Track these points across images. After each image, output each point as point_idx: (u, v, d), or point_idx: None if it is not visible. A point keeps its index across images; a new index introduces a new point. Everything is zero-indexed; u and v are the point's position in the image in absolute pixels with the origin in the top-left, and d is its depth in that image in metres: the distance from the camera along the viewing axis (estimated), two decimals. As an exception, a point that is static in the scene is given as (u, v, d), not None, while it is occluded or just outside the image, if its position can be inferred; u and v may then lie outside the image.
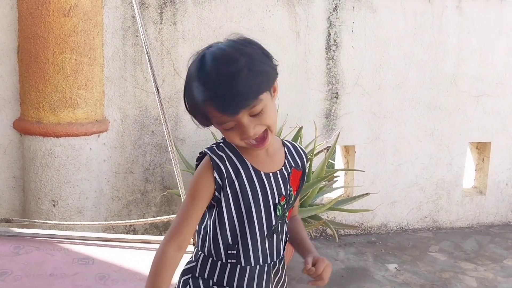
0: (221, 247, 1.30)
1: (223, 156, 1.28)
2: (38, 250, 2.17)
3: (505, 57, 3.90)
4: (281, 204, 1.32)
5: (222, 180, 1.26)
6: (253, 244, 1.30)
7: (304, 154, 1.42)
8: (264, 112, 1.21)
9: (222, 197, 1.27)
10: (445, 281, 3.12)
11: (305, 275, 1.30)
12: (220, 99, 1.17)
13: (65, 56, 2.87)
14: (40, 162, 2.95)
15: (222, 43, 1.23)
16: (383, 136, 3.72)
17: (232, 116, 1.19)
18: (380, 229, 3.84)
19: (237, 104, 1.17)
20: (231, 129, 1.22)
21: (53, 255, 2.15)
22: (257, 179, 1.29)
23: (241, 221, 1.29)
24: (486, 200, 4.05)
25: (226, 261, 1.30)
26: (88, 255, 2.16)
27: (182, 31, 3.22)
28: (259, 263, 1.31)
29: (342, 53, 3.56)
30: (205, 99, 1.19)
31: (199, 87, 1.19)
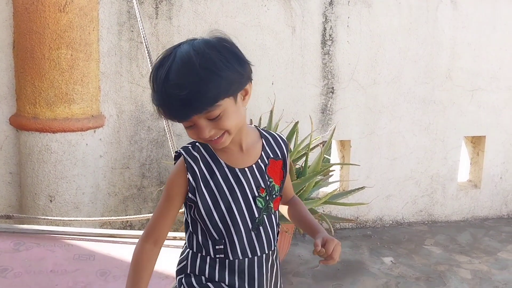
0: (209, 243, 1.32)
1: (197, 156, 1.30)
2: (38, 246, 2.17)
3: (499, 52, 3.92)
4: (261, 196, 1.33)
5: (196, 181, 1.28)
6: (238, 238, 1.31)
7: (284, 143, 1.42)
8: (223, 116, 1.19)
9: (198, 198, 1.29)
10: (440, 273, 3.15)
11: (302, 268, 1.32)
12: (167, 107, 1.18)
13: (61, 51, 2.87)
14: (36, 158, 2.96)
15: (193, 42, 1.20)
16: (378, 131, 3.74)
17: (182, 120, 1.20)
18: (375, 223, 3.86)
19: (187, 111, 1.16)
20: (189, 128, 1.22)
21: (54, 251, 2.15)
22: (232, 176, 1.31)
23: (223, 219, 1.30)
24: (480, 194, 4.08)
25: (214, 256, 1.32)
26: (89, 251, 2.16)
27: (177, 26, 3.22)
28: (247, 256, 1.32)
29: (338, 48, 3.57)
30: (156, 104, 1.20)
31: (153, 92, 1.20)
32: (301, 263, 3.21)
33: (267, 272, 1.36)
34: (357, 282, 3.00)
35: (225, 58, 1.18)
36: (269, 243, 1.36)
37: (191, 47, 1.18)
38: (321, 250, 1.31)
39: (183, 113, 1.17)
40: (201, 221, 1.31)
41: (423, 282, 3.04)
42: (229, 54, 1.20)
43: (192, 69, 1.15)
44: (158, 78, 1.18)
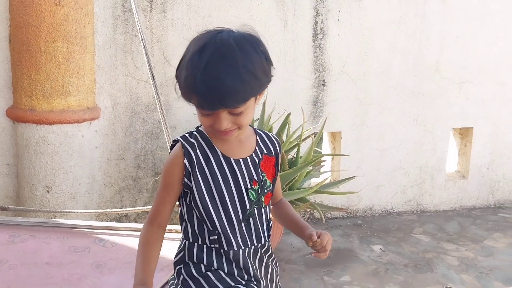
0: (205, 232, 1.35)
1: (194, 143, 1.33)
2: (33, 238, 2.16)
3: (487, 45, 4.00)
4: (254, 189, 1.36)
5: (192, 166, 1.32)
6: (230, 228, 1.34)
7: (277, 141, 1.46)
8: (243, 114, 1.25)
9: (193, 184, 1.32)
10: (428, 260, 3.25)
11: (294, 256, 1.37)
12: (199, 94, 1.20)
13: (57, 44, 2.92)
14: (33, 149, 3.01)
15: (233, 34, 1.23)
16: (368, 122, 3.82)
17: (206, 110, 1.23)
18: (365, 212, 3.95)
19: (218, 103, 1.20)
20: (207, 115, 1.25)
21: (49, 243, 2.14)
22: (227, 165, 1.34)
23: (216, 207, 1.33)
24: (468, 184, 4.18)
25: (210, 245, 1.35)
26: (84, 244, 2.16)
27: (171, 20, 3.27)
28: (241, 247, 1.35)
29: (329, 41, 3.64)
30: (190, 90, 1.21)
31: (189, 75, 1.20)
32: (293, 251, 3.29)
33: (255, 264, 1.38)
34: (347, 269, 3.09)
35: (262, 60, 1.24)
36: (258, 236, 1.38)
37: (234, 41, 1.21)
38: (317, 240, 1.35)
39: (212, 105, 1.21)
40: (196, 209, 1.34)
41: (411, 268, 3.14)
42: (265, 56, 1.26)
43: (234, 67, 1.18)
44: (197, 64, 1.19)
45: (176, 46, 3.28)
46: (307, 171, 3.01)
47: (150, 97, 3.31)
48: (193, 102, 1.23)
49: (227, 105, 1.21)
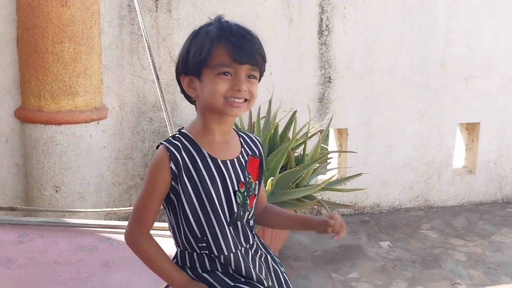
0: (191, 241, 1.34)
1: (178, 145, 1.30)
2: (42, 238, 2.19)
3: (492, 39, 3.99)
4: (240, 191, 1.34)
5: (179, 169, 1.28)
6: (221, 233, 1.32)
7: (260, 143, 1.46)
8: (255, 83, 1.29)
9: (180, 188, 1.29)
10: (435, 256, 3.25)
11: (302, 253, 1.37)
12: (236, 45, 1.24)
13: (64, 45, 2.93)
14: (42, 149, 3.03)
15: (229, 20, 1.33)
16: (375, 119, 3.81)
17: (237, 63, 1.24)
18: (373, 209, 3.96)
19: (247, 55, 1.24)
20: (225, 77, 1.24)
21: (57, 242, 2.16)
22: (215, 167, 1.31)
23: (205, 211, 1.30)
24: (475, 179, 4.17)
25: (200, 252, 1.34)
26: (91, 242, 2.18)
27: (177, 19, 3.28)
28: (232, 251, 1.34)
29: (334, 38, 3.64)
30: (221, 39, 1.24)
31: (218, 29, 1.26)
32: (300, 248, 3.30)
33: (250, 265, 1.37)
34: (355, 266, 3.09)
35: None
36: (246, 237, 1.38)
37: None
38: (335, 223, 1.33)
39: (244, 55, 1.24)
40: (183, 214, 1.31)
41: (419, 264, 3.14)
42: None
43: (251, 31, 1.31)
44: (220, 27, 1.27)
45: (182, 45, 3.28)
46: (314, 168, 3.02)
47: (157, 97, 3.32)
48: (215, 57, 1.24)
49: (254, 60, 1.26)
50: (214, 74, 1.25)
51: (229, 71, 1.25)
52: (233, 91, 1.26)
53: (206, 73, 1.26)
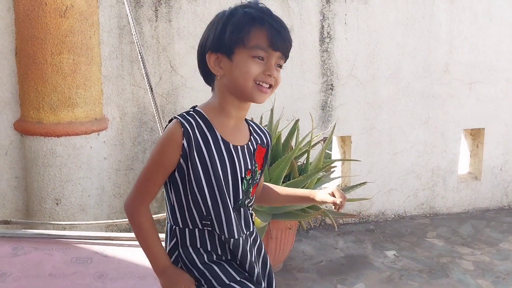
0: (195, 217, 1.30)
1: (192, 122, 1.27)
2: (36, 250, 2.19)
3: (496, 44, 3.95)
4: (246, 179, 1.33)
5: (190, 147, 1.25)
6: (226, 217, 1.30)
7: (268, 134, 1.46)
8: (279, 72, 1.31)
9: (190, 166, 1.26)
10: (442, 265, 3.19)
11: (306, 264, 1.35)
12: (276, 31, 1.24)
13: (63, 56, 2.90)
14: (42, 162, 2.99)
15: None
16: (378, 126, 3.77)
17: (272, 49, 1.25)
18: (378, 217, 3.90)
19: (283, 43, 1.26)
20: (258, 60, 1.25)
21: (52, 255, 2.16)
22: (226, 151, 1.29)
23: (213, 194, 1.28)
24: (481, 186, 4.11)
25: (202, 228, 1.31)
26: (86, 255, 2.18)
27: (177, 28, 3.25)
28: (233, 237, 1.31)
29: (336, 45, 3.60)
30: (263, 21, 1.23)
31: (259, 11, 1.25)
32: (305, 259, 3.25)
33: (248, 254, 1.36)
34: (361, 276, 3.04)
35: None
36: (247, 224, 1.36)
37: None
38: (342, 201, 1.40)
39: (281, 42, 1.25)
40: (191, 193, 1.28)
41: (426, 274, 3.08)
42: None
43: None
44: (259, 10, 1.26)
45: (182, 55, 3.26)
46: (318, 177, 2.97)
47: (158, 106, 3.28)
48: (253, 38, 1.23)
49: (287, 49, 1.28)
50: (248, 56, 1.25)
51: (263, 56, 1.25)
52: (265, 75, 1.26)
53: (239, 53, 1.25)
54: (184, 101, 3.30)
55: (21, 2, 2.89)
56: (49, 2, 2.84)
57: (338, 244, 3.48)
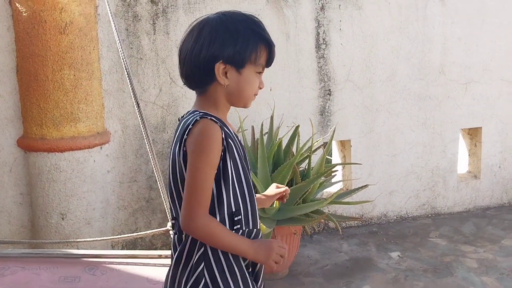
0: (225, 216, 1.30)
1: (222, 126, 1.30)
2: (23, 270, 2.14)
3: (489, 44, 4.01)
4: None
5: (227, 144, 1.29)
6: (252, 212, 1.36)
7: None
8: None
9: (222, 165, 1.28)
10: (447, 264, 3.22)
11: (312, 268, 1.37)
12: (274, 51, 1.38)
13: (64, 72, 2.94)
14: (46, 177, 3.02)
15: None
16: (377, 129, 3.81)
17: (267, 66, 1.39)
18: (380, 219, 3.94)
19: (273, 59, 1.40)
20: (258, 75, 1.37)
21: (39, 274, 2.11)
22: (242, 148, 1.38)
23: (241, 188, 1.33)
24: (481, 184, 4.15)
25: (232, 228, 1.32)
26: (74, 273, 2.13)
27: (175, 40, 3.29)
28: (256, 227, 1.38)
29: (332, 51, 3.65)
30: (268, 43, 1.35)
31: (263, 31, 1.36)
32: (311, 264, 3.27)
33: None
34: (367, 278, 3.07)
35: None
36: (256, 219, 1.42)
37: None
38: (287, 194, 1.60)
39: (272, 61, 1.39)
40: (225, 190, 1.29)
41: (431, 273, 3.11)
42: None
43: None
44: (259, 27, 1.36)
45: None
46: (319, 182, 3.00)
47: (159, 118, 3.33)
48: (260, 56, 1.34)
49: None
50: (254, 71, 1.35)
51: (261, 71, 1.38)
52: (259, 88, 1.39)
53: (248, 68, 1.34)
54: (184, 111, 3.31)
55: (20, 21, 2.93)
56: (49, 19, 2.87)
57: (342, 248, 3.51)
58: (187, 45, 1.34)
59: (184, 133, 1.28)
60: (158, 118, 3.32)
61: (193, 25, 1.37)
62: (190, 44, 1.33)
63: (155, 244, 3.43)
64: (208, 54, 1.31)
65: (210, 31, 1.32)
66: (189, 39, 1.35)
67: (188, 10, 3.30)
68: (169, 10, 3.27)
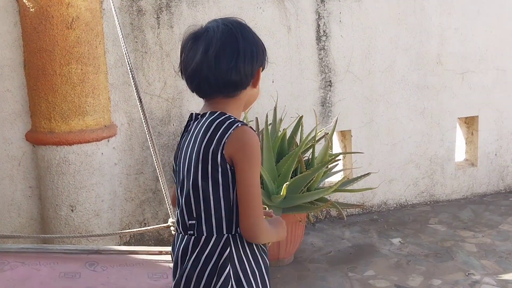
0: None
1: None
2: (23, 265, 2.11)
3: (485, 34, 4.09)
4: None
5: None
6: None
7: None
8: None
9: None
10: (447, 249, 3.32)
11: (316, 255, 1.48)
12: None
13: (71, 66, 2.99)
14: (55, 170, 3.07)
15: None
16: (376, 119, 3.89)
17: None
18: (380, 207, 4.03)
19: None
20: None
21: (39, 269, 2.09)
22: None
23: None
24: (478, 171, 4.25)
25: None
26: (74, 269, 2.12)
27: (179, 34, 3.35)
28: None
29: (332, 43, 3.72)
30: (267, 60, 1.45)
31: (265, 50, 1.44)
32: (314, 250, 3.36)
33: None
34: (370, 263, 3.16)
35: None
36: None
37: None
38: None
39: None
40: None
41: (432, 258, 3.21)
42: None
43: None
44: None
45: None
46: (323, 171, 3.08)
47: (164, 111, 3.38)
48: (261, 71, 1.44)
49: None
50: (258, 83, 1.46)
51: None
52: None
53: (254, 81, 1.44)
54: (189, 104, 3.40)
55: (27, 16, 2.97)
56: (56, 14, 2.92)
57: (345, 235, 3.60)
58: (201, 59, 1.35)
59: (222, 136, 1.31)
60: (163, 111, 3.38)
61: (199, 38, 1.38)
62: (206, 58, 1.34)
63: (162, 234, 3.50)
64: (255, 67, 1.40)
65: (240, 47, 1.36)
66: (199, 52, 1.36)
67: (191, 4, 3.36)
68: (173, 4, 3.32)
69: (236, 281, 1.31)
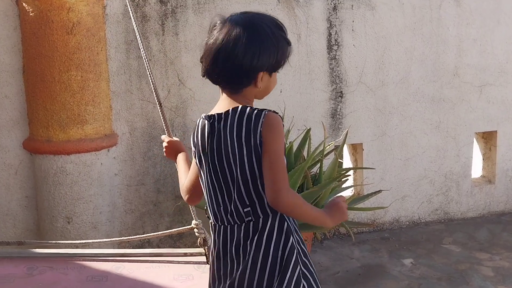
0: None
1: None
2: (51, 270, 2.18)
3: (505, 46, 3.91)
4: None
5: None
6: None
7: None
8: None
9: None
10: (461, 272, 3.14)
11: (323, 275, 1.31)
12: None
13: (71, 73, 2.88)
14: (52, 180, 2.97)
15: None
16: (389, 132, 3.73)
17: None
18: (392, 225, 3.85)
19: None
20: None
21: (67, 274, 2.15)
22: None
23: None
24: (495, 189, 4.06)
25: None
26: (101, 272, 2.17)
27: (184, 41, 3.23)
28: None
29: (344, 52, 3.58)
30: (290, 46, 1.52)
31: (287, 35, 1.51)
32: (321, 270, 3.20)
33: None
34: (379, 286, 2.99)
35: None
36: None
37: None
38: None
39: None
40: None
41: (445, 282, 3.03)
42: None
43: None
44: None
45: (190, 68, 3.23)
46: (332, 187, 2.93)
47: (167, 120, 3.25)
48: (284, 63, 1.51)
49: None
50: (277, 73, 1.52)
51: None
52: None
53: (277, 72, 1.51)
54: (193, 114, 3.28)
55: (27, 21, 2.88)
56: (56, 19, 2.82)
57: (354, 254, 3.43)
58: (226, 47, 1.41)
59: (256, 127, 1.40)
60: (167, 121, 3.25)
61: (227, 25, 1.43)
62: (230, 47, 1.41)
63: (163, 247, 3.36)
64: (258, 64, 1.43)
65: (257, 41, 1.42)
66: (227, 40, 1.42)
67: (198, 10, 3.24)
68: (178, 11, 3.21)
69: (297, 249, 1.44)
